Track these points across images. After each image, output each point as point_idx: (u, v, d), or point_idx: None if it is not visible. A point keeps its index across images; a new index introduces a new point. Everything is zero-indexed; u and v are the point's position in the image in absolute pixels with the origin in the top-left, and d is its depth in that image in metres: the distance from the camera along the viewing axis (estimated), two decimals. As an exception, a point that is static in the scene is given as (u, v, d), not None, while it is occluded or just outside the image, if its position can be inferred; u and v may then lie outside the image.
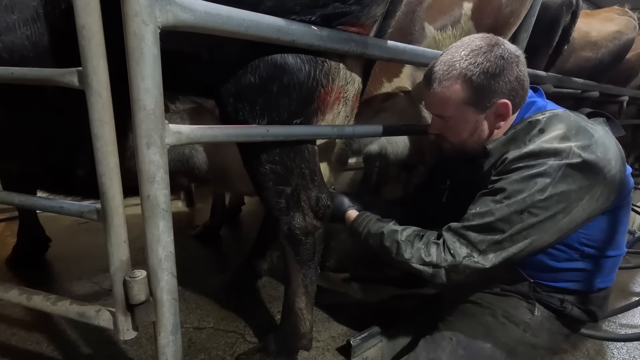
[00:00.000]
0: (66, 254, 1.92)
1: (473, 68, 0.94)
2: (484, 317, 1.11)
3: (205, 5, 0.70)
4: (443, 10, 1.53)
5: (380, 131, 1.21)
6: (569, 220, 0.92)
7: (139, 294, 0.73)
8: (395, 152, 1.78)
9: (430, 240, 1.01)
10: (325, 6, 0.87)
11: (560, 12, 1.96)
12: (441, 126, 1.07)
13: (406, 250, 1.02)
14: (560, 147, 0.90)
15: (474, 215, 0.96)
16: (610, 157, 0.91)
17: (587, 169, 0.89)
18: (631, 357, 1.53)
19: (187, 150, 1.10)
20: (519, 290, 1.10)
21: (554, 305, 1.07)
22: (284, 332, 1.15)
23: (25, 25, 0.83)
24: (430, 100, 1.04)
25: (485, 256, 0.93)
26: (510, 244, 0.93)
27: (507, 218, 0.91)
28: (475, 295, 1.17)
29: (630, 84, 3.35)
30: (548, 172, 0.89)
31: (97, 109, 0.65)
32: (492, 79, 0.94)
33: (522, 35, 1.64)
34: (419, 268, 1.00)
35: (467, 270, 0.94)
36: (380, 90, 1.57)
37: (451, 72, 0.96)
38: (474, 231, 0.95)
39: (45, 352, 1.22)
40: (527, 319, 1.08)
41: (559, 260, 1.04)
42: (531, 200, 0.89)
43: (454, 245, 0.96)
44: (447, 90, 0.97)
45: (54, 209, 0.81)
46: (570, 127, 0.93)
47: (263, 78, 0.90)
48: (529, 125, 0.98)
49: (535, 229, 0.91)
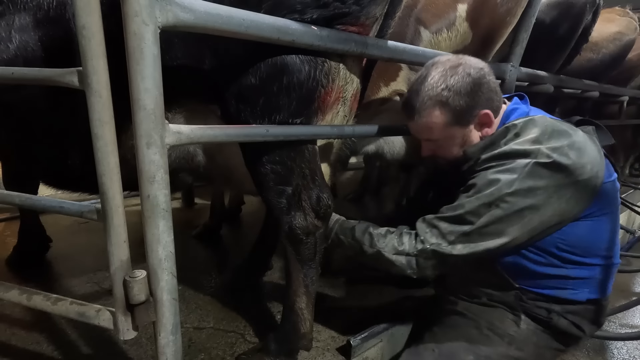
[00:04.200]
0: (66, 254, 1.92)
1: (446, 93, 0.98)
2: (468, 329, 1.11)
3: (205, 5, 0.70)
4: (438, 13, 1.53)
5: (380, 131, 1.21)
6: (539, 219, 0.94)
7: (139, 294, 0.73)
8: (392, 152, 1.78)
9: (403, 231, 1.06)
10: (325, 6, 0.88)
11: (584, 10, 1.96)
12: (432, 147, 1.11)
13: (379, 240, 1.06)
14: (529, 148, 0.94)
15: (447, 209, 1.01)
16: (585, 162, 0.93)
17: (555, 169, 0.92)
18: (631, 357, 1.53)
19: (191, 148, 1.10)
20: (505, 300, 1.10)
21: (541, 316, 1.06)
22: (284, 332, 1.15)
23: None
24: (416, 129, 1.09)
25: (454, 246, 0.97)
26: (479, 238, 0.95)
27: (475, 210, 0.95)
28: (462, 306, 1.17)
29: (630, 84, 3.35)
30: (515, 169, 0.93)
31: (97, 109, 0.65)
32: (466, 97, 0.98)
33: (522, 35, 1.64)
34: (391, 258, 1.03)
35: (435, 256, 0.98)
36: (378, 94, 1.57)
37: (427, 102, 1.01)
38: (445, 222, 0.99)
39: (45, 352, 1.22)
40: (512, 332, 1.07)
41: (540, 264, 1.03)
42: (499, 194, 0.93)
43: (424, 235, 1.00)
44: (428, 118, 1.02)
45: (54, 209, 0.81)
46: (544, 131, 0.97)
47: (264, 78, 0.90)
48: (505, 130, 1.02)
49: (502, 223, 0.93)
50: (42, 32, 0.90)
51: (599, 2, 1.99)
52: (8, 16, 0.89)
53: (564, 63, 2.24)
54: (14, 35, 0.89)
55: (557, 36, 2.03)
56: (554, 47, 2.10)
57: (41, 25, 0.89)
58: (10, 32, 0.89)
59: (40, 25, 0.89)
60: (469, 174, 1.04)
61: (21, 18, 0.89)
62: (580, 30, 2.05)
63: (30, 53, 0.90)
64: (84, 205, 0.78)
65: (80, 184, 1.18)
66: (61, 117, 1.00)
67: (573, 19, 1.99)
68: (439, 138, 1.06)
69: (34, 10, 0.89)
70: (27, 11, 0.89)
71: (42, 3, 0.89)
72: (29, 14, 0.89)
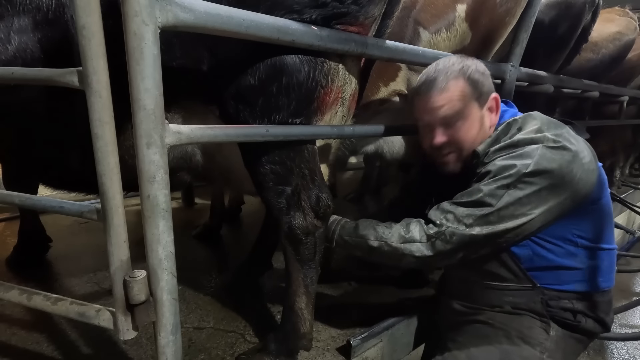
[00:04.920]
0: (66, 254, 1.92)
1: (466, 69, 1.05)
2: (498, 339, 1.06)
3: (205, 5, 0.70)
4: (437, 13, 1.53)
5: (380, 131, 1.21)
6: (556, 200, 0.95)
7: (139, 294, 0.73)
8: (392, 152, 1.78)
9: (409, 221, 1.06)
10: (323, 6, 0.88)
11: (583, 10, 1.96)
12: (447, 132, 1.07)
13: (384, 232, 1.05)
14: (535, 136, 0.99)
15: (462, 195, 1.02)
16: (582, 147, 0.99)
17: (563, 151, 0.95)
18: (631, 357, 1.53)
19: (189, 148, 1.10)
20: (532, 307, 1.07)
21: (568, 320, 1.05)
22: (284, 332, 1.15)
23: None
24: (434, 103, 1.05)
25: (472, 228, 0.97)
26: (497, 220, 0.95)
27: (494, 193, 0.96)
28: (486, 315, 1.12)
29: (630, 84, 3.35)
30: (528, 152, 0.96)
31: (97, 109, 0.65)
32: (482, 76, 1.06)
33: (522, 35, 1.63)
34: (399, 247, 1.02)
35: (453, 237, 0.98)
36: (378, 94, 1.57)
37: (450, 74, 1.04)
38: (462, 206, 0.99)
39: (45, 352, 1.22)
40: (542, 340, 1.04)
41: (559, 255, 1.04)
42: (517, 175, 0.94)
43: (440, 219, 1.00)
44: (454, 87, 1.04)
45: (54, 209, 0.81)
46: (543, 122, 1.03)
47: (263, 79, 0.90)
48: (507, 126, 1.07)
49: (522, 204, 0.94)
50: (41, 34, 0.90)
51: (598, 1, 1.99)
52: (7, 18, 0.89)
53: (563, 63, 2.24)
54: (12, 37, 0.89)
55: (556, 36, 2.03)
56: (553, 47, 2.10)
57: (39, 27, 0.89)
58: (9, 33, 0.89)
59: (38, 27, 0.89)
60: (476, 168, 1.05)
61: (20, 20, 0.89)
62: (579, 31, 2.05)
63: (29, 55, 0.90)
64: (84, 205, 0.78)
65: (80, 184, 1.18)
66: (60, 117, 1.00)
67: (572, 19, 1.99)
68: (458, 113, 1.04)
69: (32, 12, 0.89)
70: (25, 13, 0.89)
71: (41, 5, 0.89)
72: (27, 16, 0.89)
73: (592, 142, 1.07)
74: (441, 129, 1.08)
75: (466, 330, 1.15)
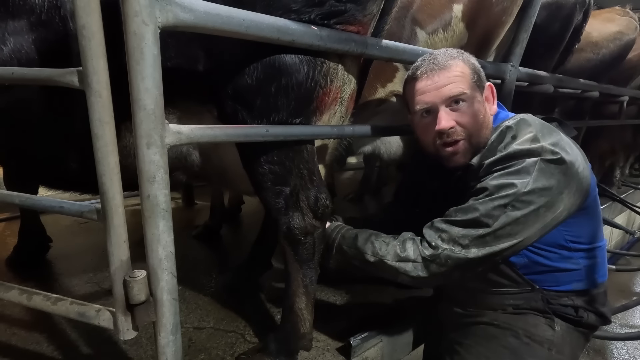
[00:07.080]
0: (66, 254, 1.92)
1: (463, 53, 1.05)
2: (506, 339, 1.06)
3: (205, 5, 0.70)
4: (433, 14, 1.53)
5: (380, 131, 1.21)
6: (552, 216, 0.94)
7: (139, 294, 0.73)
8: (389, 152, 1.78)
9: (406, 238, 1.03)
10: (320, 5, 0.87)
11: (573, 11, 1.97)
12: (453, 114, 1.00)
13: (381, 248, 1.03)
14: (532, 147, 0.95)
15: (457, 212, 0.97)
16: (576, 154, 0.97)
17: (561, 163, 0.93)
18: (631, 357, 1.53)
19: (184, 148, 1.10)
20: (534, 306, 1.07)
21: (570, 315, 1.06)
22: (284, 332, 1.15)
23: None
24: (438, 82, 0.99)
25: (468, 250, 0.93)
26: (494, 240, 0.92)
27: (491, 213, 0.92)
28: (490, 316, 1.12)
29: (630, 84, 3.35)
30: (526, 168, 0.92)
31: (97, 109, 0.65)
32: (477, 62, 1.06)
33: (522, 36, 1.64)
34: (394, 266, 1.00)
35: (448, 261, 0.94)
36: (375, 95, 1.57)
37: (450, 54, 1.04)
38: (457, 226, 0.95)
39: (45, 352, 1.22)
40: (549, 336, 1.04)
41: (554, 260, 1.04)
42: (515, 195, 0.91)
43: (435, 240, 0.97)
44: (455, 65, 1.01)
45: (54, 209, 0.81)
46: (538, 130, 0.98)
47: (261, 79, 0.90)
48: (501, 134, 1.02)
49: (519, 224, 0.92)
50: (36, 35, 0.89)
51: (589, 2, 2.00)
52: (1, 19, 0.89)
53: (557, 64, 2.24)
54: (7, 38, 0.89)
55: (548, 37, 2.02)
56: (545, 48, 2.10)
57: (35, 28, 0.89)
58: (4, 35, 0.89)
59: (34, 28, 0.89)
60: (471, 180, 1.02)
61: (14, 21, 0.89)
62: (570, 31, 2.05)
63: (25, 56, 0.90)
64: (84, 205, 0.78)
65: (79, 184, 1.17)
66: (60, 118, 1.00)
67: (563, 20, 1.99)
68: (464, 92, 0.99)
69: (27, 14, 0.88)
70: (20, 14, 0.89)
71: (35, 6, 0.88)
72: (22, 17, 0.89)
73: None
74: (446, 112, 1.00)
75: (472, 332, 1.14)
